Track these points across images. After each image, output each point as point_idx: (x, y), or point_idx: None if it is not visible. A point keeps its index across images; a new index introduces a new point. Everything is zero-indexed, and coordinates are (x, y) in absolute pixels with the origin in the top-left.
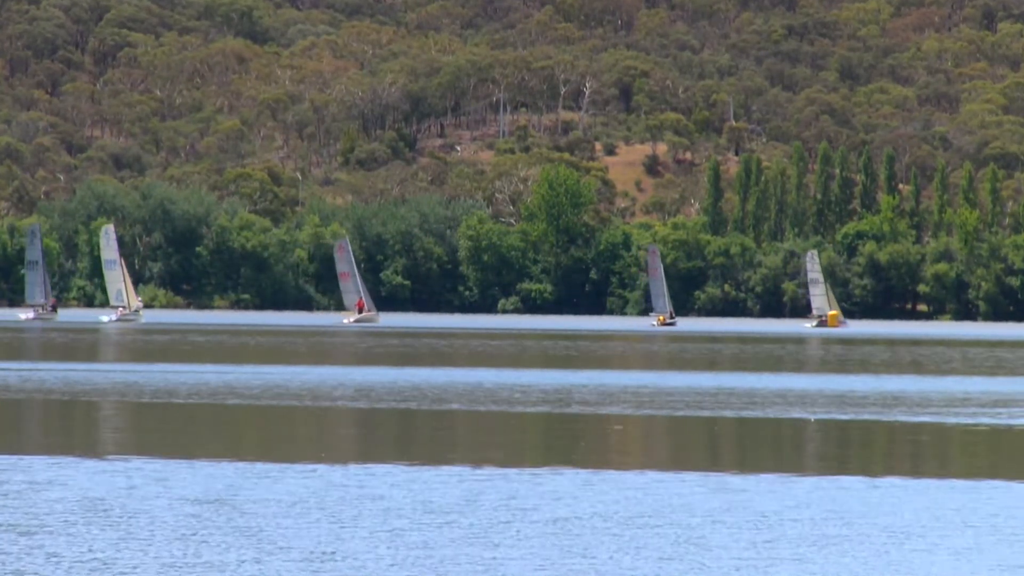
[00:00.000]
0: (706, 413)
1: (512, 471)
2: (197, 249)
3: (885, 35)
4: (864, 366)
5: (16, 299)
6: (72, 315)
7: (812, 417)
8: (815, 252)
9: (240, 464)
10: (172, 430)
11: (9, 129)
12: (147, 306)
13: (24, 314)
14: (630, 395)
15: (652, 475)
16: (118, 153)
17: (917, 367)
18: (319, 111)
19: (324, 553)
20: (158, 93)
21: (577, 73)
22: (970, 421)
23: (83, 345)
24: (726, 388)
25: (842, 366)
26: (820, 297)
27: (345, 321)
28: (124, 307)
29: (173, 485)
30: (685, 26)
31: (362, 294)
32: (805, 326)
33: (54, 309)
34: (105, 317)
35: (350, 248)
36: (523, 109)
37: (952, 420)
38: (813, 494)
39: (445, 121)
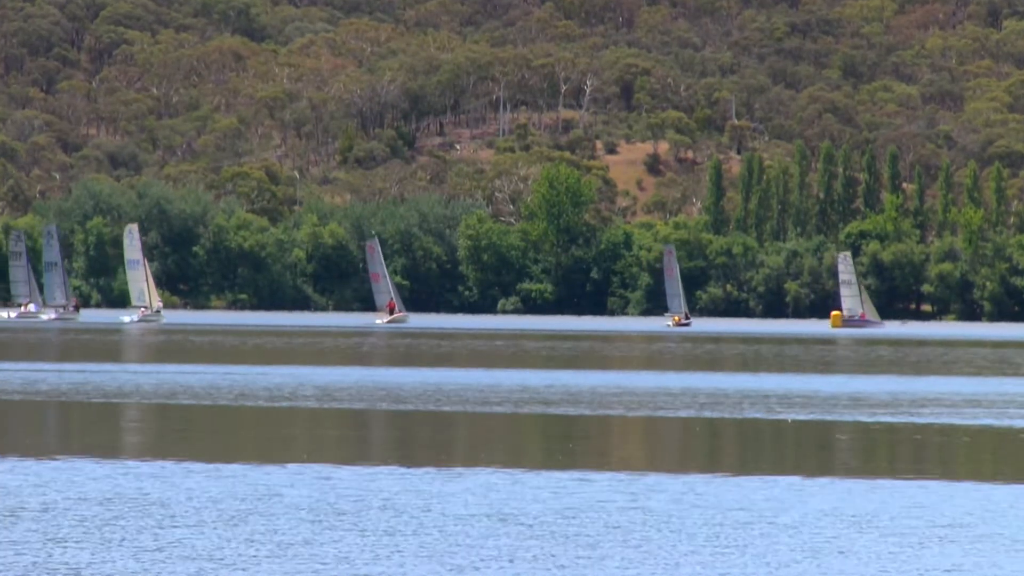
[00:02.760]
0: (665, 414)
1: (428, 471)
2: (194, 249)
3: (889, 32)
4: (852, 367)
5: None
6: (93, 316)
7: (789, 418)
8: (847, 254)
9: (154, 463)
10: (107, 430)
11: (4, 127)
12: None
13: (45, 315)
14: (620, 396)
15: (577, 474)
16: (114, 152)
17: (904, 367)
18: (317, 109)
19: (182, 550)
20: (154, 91)
21: (578, 71)
22: (931, 421)
23: (97, 345)
24: (708, 389)
25: (827, 366)
26: (852, 298)
27: (378, 322)
28: (146, 307)
29: (73, 485)
30: (687, 23)
31: (392, 295)
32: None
33: (76, 309)
34: (126, 317)
35: (380, 249)
36: (523, 107)
37: (909, 420)
38: (724, 493)
39: (444, 119)
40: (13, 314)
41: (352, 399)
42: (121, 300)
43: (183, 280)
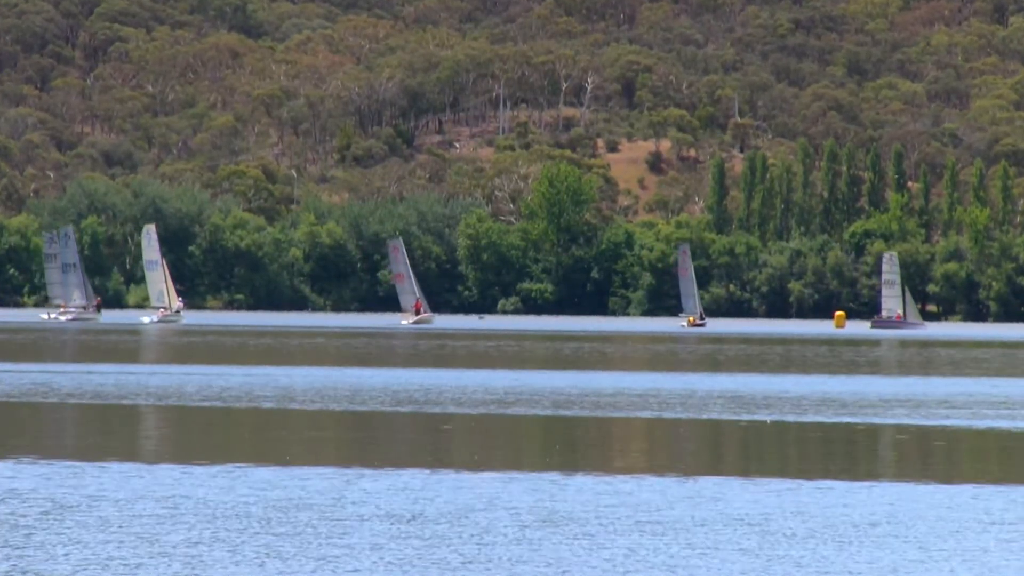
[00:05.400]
0: (626, 414)
1: (352, 471)
2: (190, 248)
3: (893, 29)
4: (850, 367)
5: (6, 299)
6: (113, 317)
7: (768, 419)
8: (894, 254)
9: (70, 464)
10: (43, 431)
11: None
12: (138, 307)
13: (64, 315)
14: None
15: (498, 475)
16: (109, 150)
17: (905, 368)
18: (314, 107)
19: (69, 550)
20: (150, 89)
21: (579, 68)
22: (891, 421)
23: (96, 346)
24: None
25: (826, 367)
26: (894, 298)
27: (404, 323)
28: (165, 308)
29: None
30: (689, 20)
31: (419, 295)
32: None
33: (98, 310)
34: (146, 318)
35: (404, 249)
36: (523, 105)
37: (872, 421)
38: (643, 493)
39: (443, 117)
40: (54, 315)
41: (313, 400)
42: (116, 300)
43: (179, 280)
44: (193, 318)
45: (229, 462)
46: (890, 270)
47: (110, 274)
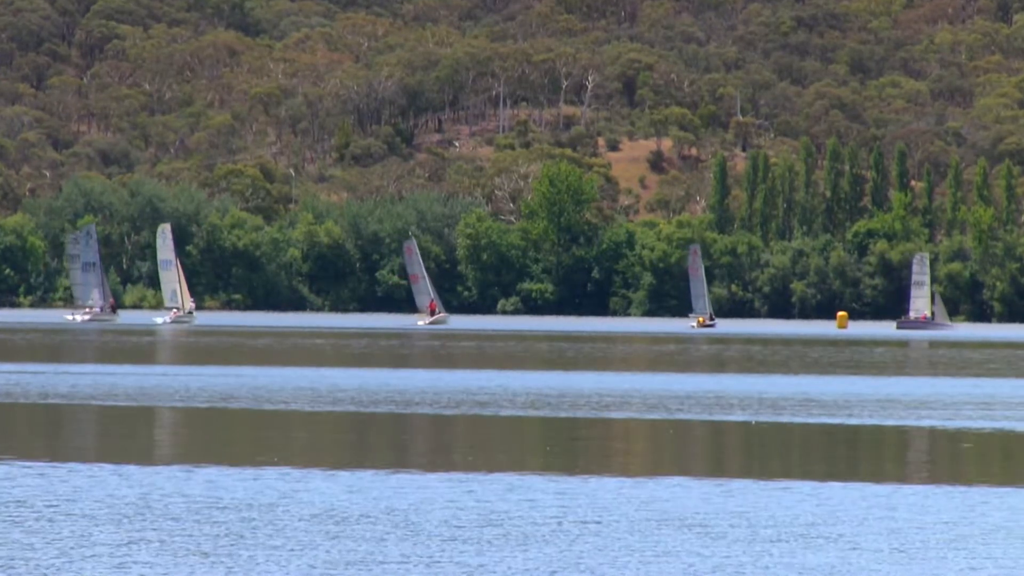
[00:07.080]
0: (596, 415)
1: (295, 471)
2: (187, 248)
3: (897, 27)
4: (851, 368)
5: (2, 299)
6: (127, 317)
7: (753, 420)
8: (925, 255)
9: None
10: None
11: None
12: (135, 307)
13: (80, 316)
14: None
15: (450, 476)
16: (105, 149)
17: (879, 368)
18: (313, 105)
19: None
20: (147, 87)
21: (579, 66)
22: (870, 422)
23: (93, 347)
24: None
25: (824, 368)
26: (922, 299)
27: (419, 323)
28: (178, 308)
29: None
30: (690, 18)
31: (433, 296)
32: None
33: (113, 310)
34: (159, 319)
35: (418, 249)
36: (523, 103)
37: (843, 422)
38: (595, 493)
39: (443, 116)
40: (77, 316)
41: (291, 400)
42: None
43: None
44: (201, 319)
45: (185, 462)
46: (920, 271)
47: (106, 274)
